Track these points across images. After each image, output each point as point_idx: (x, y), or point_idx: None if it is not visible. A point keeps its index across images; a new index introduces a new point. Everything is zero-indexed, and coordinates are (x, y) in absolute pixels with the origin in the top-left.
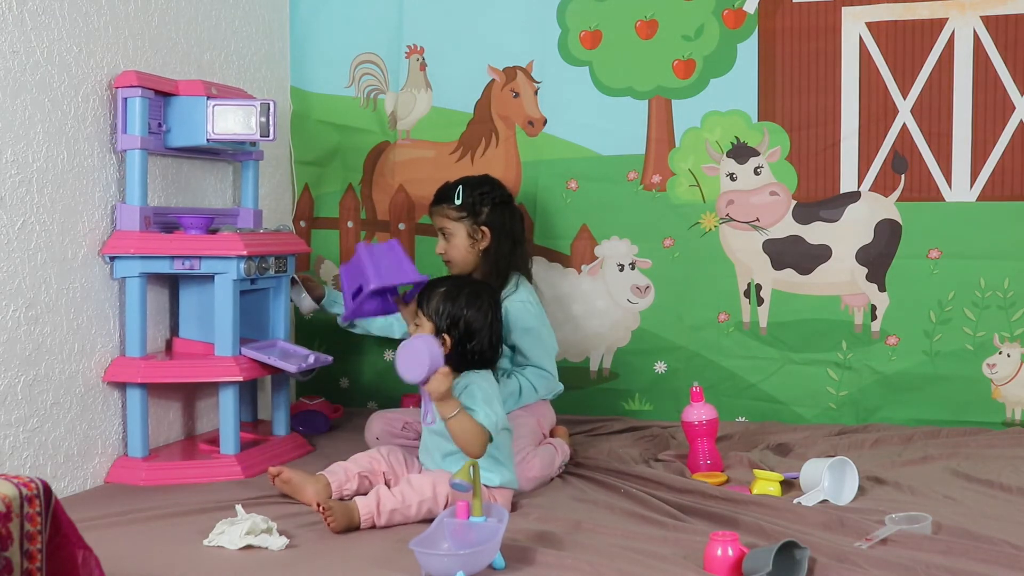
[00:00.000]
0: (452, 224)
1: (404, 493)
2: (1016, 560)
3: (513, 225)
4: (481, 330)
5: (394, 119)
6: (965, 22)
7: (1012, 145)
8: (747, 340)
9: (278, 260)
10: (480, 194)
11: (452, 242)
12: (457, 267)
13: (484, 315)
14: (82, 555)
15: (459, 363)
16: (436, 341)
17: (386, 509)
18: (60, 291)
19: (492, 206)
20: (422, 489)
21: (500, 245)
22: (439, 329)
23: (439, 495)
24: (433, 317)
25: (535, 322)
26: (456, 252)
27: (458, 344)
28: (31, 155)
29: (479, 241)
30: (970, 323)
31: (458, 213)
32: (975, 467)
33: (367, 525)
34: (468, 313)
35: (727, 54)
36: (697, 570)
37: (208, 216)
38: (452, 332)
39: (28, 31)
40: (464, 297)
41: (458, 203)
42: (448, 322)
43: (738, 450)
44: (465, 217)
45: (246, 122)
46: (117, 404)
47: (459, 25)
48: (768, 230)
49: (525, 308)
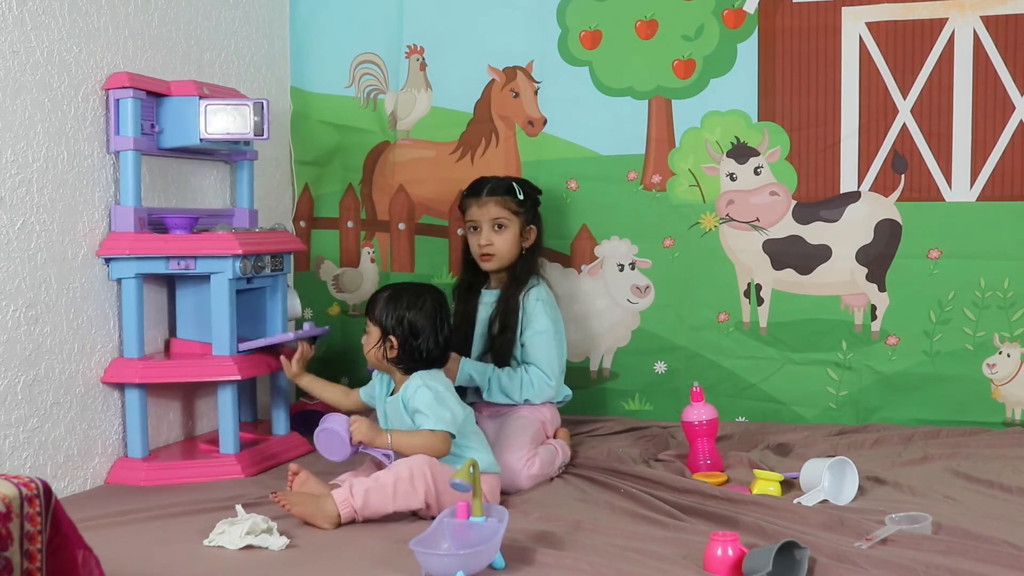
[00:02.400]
0: (510, 217)
1: (379, 475)
2: (1016, 560)
3: (542, 228)
4: (425, 329)
5: (394, 119)
6: (965, 22)
7: (1012, 145)
8: (747, 340)
9: (274, 259)
10: (532, 194)
11: (504, 234)
12: (499, 261)
13: (427, 315)
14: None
15: (408, 363)
16: (336, 415)
17: (360, 491)
18: (60, 291)
19: (535, 207)
20: (398, 469)
21: (537, 245)
22: (385, 331)
23: (415, 475)
24: (378, 320)
25: (546, 324)
26: (505, 244)
27: (404, 344)
28: (31, 155)
29: (527, 239)
30: (970, 323)
31: (518, 207)
32: (975, 467)
33: (347, 513)
34: (411, 313)
35: (727, 54)
36: (697, 570)
37: (192, 216)
38: (397, 332)
39: (28, 31)
40: (407, 298)
41: (520, 198)
42: (392, 323)
43: (738, 450)
44: (522, 213)
45: (240, 121)
46: (117, 404)
47: (459, 25)
48: (768, 230)
49: (537, 308)
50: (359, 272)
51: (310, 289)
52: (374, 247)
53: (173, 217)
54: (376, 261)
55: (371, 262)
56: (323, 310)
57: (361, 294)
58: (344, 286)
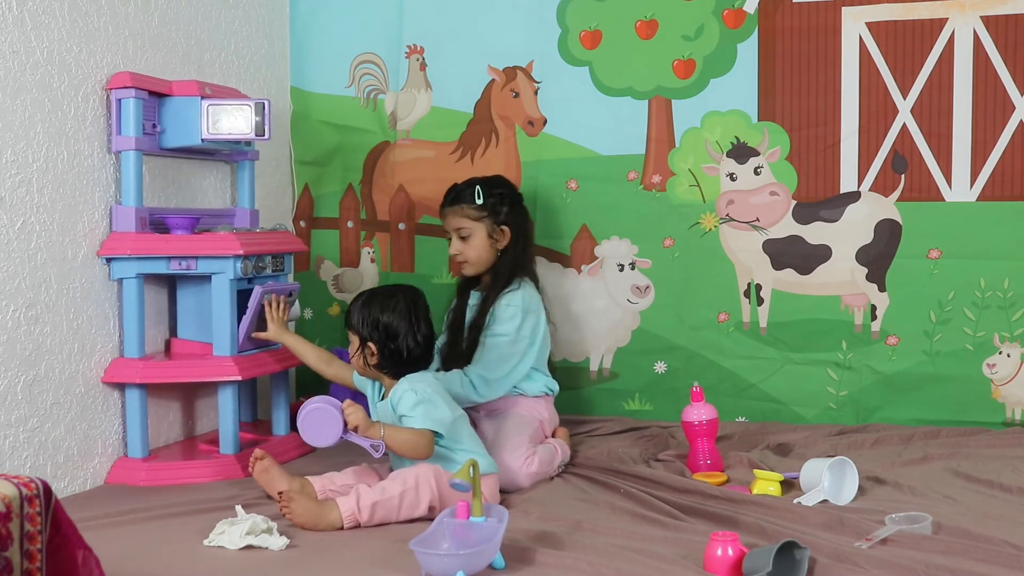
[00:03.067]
0: (472, 224)
1: (385, 486)
2: (1016, 560)
3: (526, 225)
4: (401, 329)
5: (394, 119)
6: (965, 22)
7: (1012, 145)
8: (747, 340)
9: (275, 259)
10: (499, 194)
11: (470, 242)
12: (473, 267)
13: (402, 315)
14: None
15: (392, 368)
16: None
17: (367, 503)
18: (60, 291)
19: (510, 206)
20: (404, 479)
21: (516, 244)
22: (363, 338)
23: (420, 485)
24: (356, 329)
25: (506, 329)
26: (474, 252)
27: (383, 348)
28: (31, 155)
29: (498, 241)
30: (970, 323)
31: (478, 213)
32: (975, 467)
33: (351, 524)
34: (384, 316)
35: (727, 54)
36: (697, 570)
37: (193, 216)
38: (374, 337)
39: (28, 31)
40: (379, 302)
41: (479, 203)
42: (369, 329)
43: (738, 450)
44: (485, 217)
45: (241, 122)
46: (117, 404)
47: (459, 25)
48: (768, 230)
49: (505, 312)
50: (359, 272)
51: (310, 289)
52: (374, 247)
53: (174, 217)
54: (376, 261)
55: (371, 262)
56: (323, 310)
57: None
58: (344, 286)
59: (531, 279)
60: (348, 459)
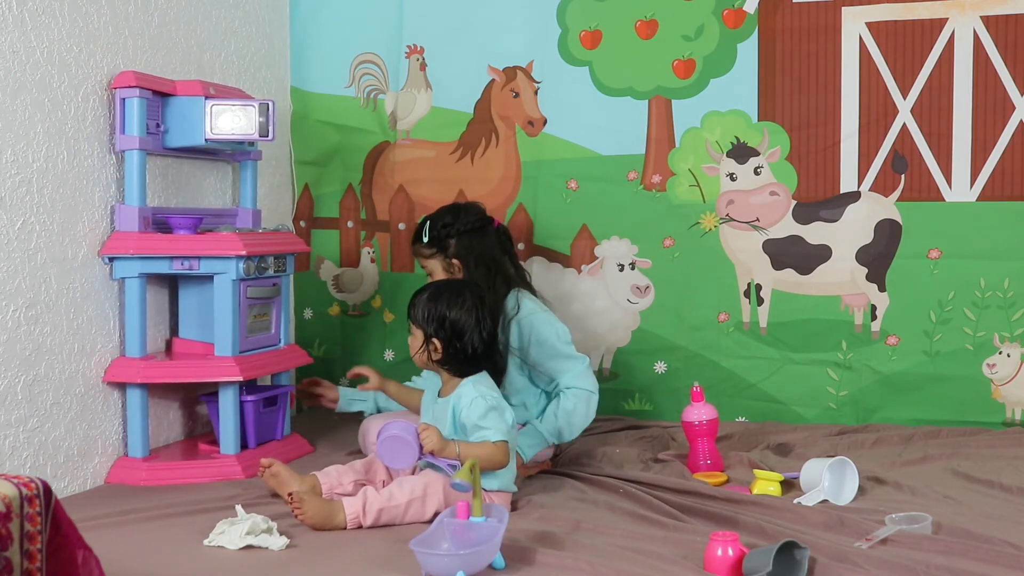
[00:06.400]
0: (428, 262)
1: (393, 492)
2: (1016, 560)
3: (485, 249)
4: (468, 326)
5: (394, 119)
6: (965, 22)
7: (1012, 145)
8: (747, 340)
9: (277, 260)
10: (443, 226)
11: (433, 278)
12: None
13: (469, 311)
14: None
15: (455, 366)
16: (402, 422)
17: (373, 508)
18: (60, 291)
19: (458, 237)
20: (413, 488)
21: (474, 273)
22: (427, 334)
23: (428, 495)
24: (421, 324)
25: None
26: None
27: (448, 345)
28: (31, 155)
29: (454, 274)
30: (970, 323)
31: (429, 250)
32: (975, 467)
33: (353, 525)
34: (452, 312)
35: (727, 54)
36: (697, 570)
37: (197, 216)
38: (440, 334)
39: (28, 31)
40: (445, 298)
41: (426, 240)
42: (435, 325)
43: (738, 450)
44: (436, 253)
45: (245, 122)
46: (117, 404)
47: (459, 25)
48: (768, 230)
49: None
50: (359, 272)
51: (310, 289)
52: (374, 247)
53: (177, 217)
54: (376, 261)
55: (371, 262)
56: (323, 310)
57: (361, 294)
58: (344, 286)
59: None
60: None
